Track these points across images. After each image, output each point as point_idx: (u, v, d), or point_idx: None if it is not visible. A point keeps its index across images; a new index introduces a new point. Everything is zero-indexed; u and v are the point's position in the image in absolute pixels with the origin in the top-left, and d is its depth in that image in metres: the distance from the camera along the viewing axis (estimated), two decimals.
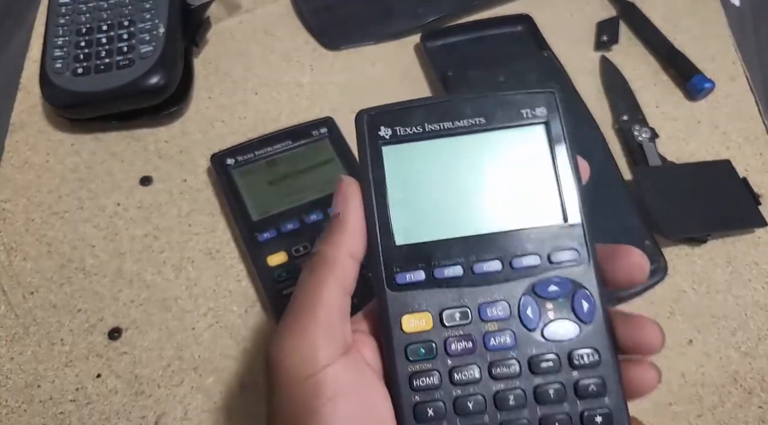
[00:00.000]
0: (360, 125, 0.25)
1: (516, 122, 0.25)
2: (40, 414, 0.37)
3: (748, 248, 0.43)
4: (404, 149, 0.25)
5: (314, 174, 0.43)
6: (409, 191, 0.25)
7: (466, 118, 0.25)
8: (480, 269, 0.24)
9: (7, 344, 0.39)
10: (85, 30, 0.46)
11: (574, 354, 0.24)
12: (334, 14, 0.53)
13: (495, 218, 0.25)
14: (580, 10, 0.54)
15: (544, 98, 0.25)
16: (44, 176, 0.45)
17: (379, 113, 0.25)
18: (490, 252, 0.24)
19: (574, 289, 0.24)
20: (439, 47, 0.50)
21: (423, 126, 0.25)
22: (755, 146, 0.47)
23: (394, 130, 0.25)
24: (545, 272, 0.24)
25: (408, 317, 0.24)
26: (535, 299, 0.24)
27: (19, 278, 0.41)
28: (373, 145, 0.25)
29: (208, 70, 0.50)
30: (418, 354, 0.24)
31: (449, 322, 0.24)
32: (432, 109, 0.25)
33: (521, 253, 0.24)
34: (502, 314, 0.24)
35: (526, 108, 0.25)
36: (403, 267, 0.24)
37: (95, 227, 0.43)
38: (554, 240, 0.24)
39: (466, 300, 0.24)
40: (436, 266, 0.24)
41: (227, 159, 0.43)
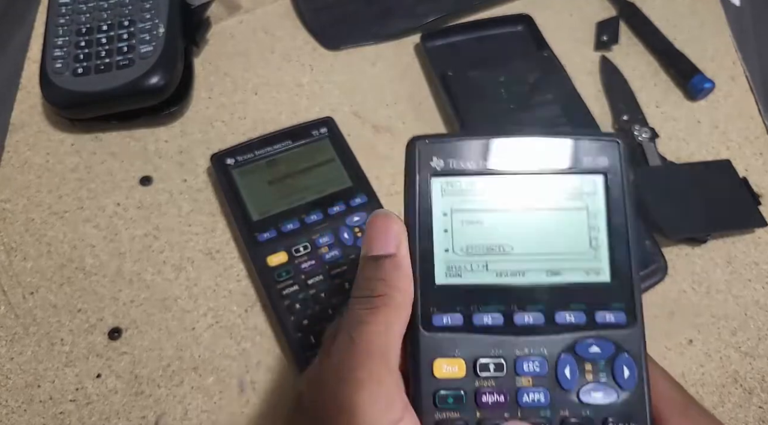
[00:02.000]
0: (411, 152, 0.24)
1: (575, 169, 0.24)
2: (40, 414, 0.37)
3: (748, 248, 0.43)
4: (455, 184, 0.24)
5: (314, 174, 0.43)
6: (455, 228, 0.24)
7: (525, 158, 0.24)
8: (521, 320, 0.23)
9: (7, 344, 0.39)
10: (85, 30, 0.46)
11: (609, 422, 0.22)
12: (334, 14, 0.53)
13: (542, 268, 0.24)
14: (580, 9, 0.54)
15: (607, 147, 0.24)
16: (44, 176, 0.45)
17: (433, 142, 0.24)
18: (533, 304, 0.23)
19: (616, 353, 0.23)
20: (439, 47, 0.50)
21: (477, 161, 0.24)
22: (755, 145, 0.47)
23: (446, 162, 0.24)
24: (588, 331, 0.23)
25: (440, 362, 0.23)
26: (575, 359, 0.23)
27: (19, 278, 0.41)
28: (423, 175, 0.24)
29: (208, 70, 0.50)
30: (447, 402, 0.22)
31: (483, 372, 0.23)
32: (489, 144, 0.24)
33: (565, 308, 0.23)
34: (539, 370, 0.23)
35: (587, 155, 0.24)
36: (440, 308, 0.23)
37: (95, 227, 0.43)
38: (601, 299, 0.23)
39: (502, 351, 0.23)
40: (476, 311, 0.23)
41: (227, 159, 0.43)
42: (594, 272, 0.24)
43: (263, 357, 0.38)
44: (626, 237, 0.24)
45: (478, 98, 0.47)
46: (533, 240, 0.24)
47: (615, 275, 0.23)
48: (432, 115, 0.49)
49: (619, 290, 0.23)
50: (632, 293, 0.23)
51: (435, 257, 0.23)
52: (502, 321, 0.23)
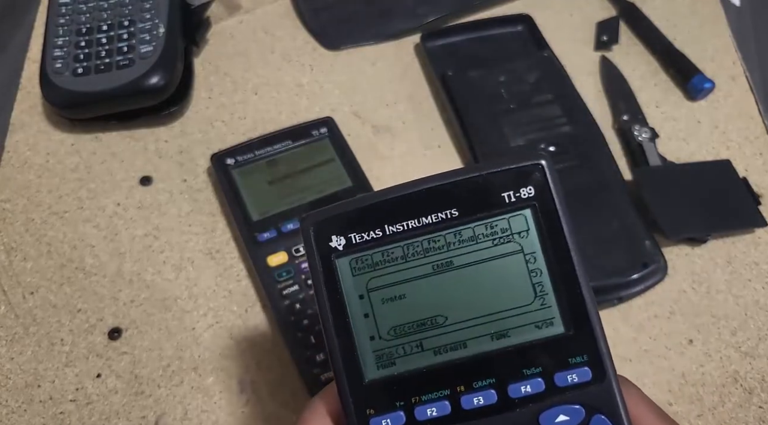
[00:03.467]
0: (306, 236, 0.21)
1: (497, 209, 0.20)
2: (40, 414, 0.37)
3: (749, 248, 0.43)
4: (364, 259, 0.21)
5: (314, 174, 0.43)
6: (376, 309, 0.20)
7: (435, 211, 0.20)
8: (469, 403, 0.20)
9: (7, 344, 0.39)
10: (85, 30, 0.46)
11: None
12: (334, 14, 0.53)
13: (484, 333, 0.20)
14: (580, 9, 0.54)
15: (528, 174, 0.20)
16: (44, 176, 0.45)
17: (328, 219, 0.21)
18: (481, 379, 0.20)
19: (588, 416, 0.19)
20: (439, 47, 0.50)
21: (382, 228, 0.20)
22: (755, 145, 0.47)
23: (348, 238, 0.20)
24: (550, 397, 0.19)
25: None
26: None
27: (19, 278, 0.41)
28: (324, 259, 0.20)
29: (208, 70, 0.50)
30: None
31: None
32: (390, 205, 0.20)
33: (518, 378, 0.20)
34: None
35: (507, 189, 0.20)
36: (377, 410, 0.20)
37: (95, 227, 0.43)
38: (558, 356, 0.20)
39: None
40: (418, 403, 0.20)
41: (227, 159, 0.43)
42: (546, 325, 0.20)
43: (263, 357, 0.38)
44: (574, 274, 0.20)
45: (478, 98, 0.47)
46: (469, 303, 0.20)
47: (570, 323, 0.20)
48: (432, 115, 0.49)
49: (579, 341, 0.20)
50: (595, 341, 0.20)
51: (359, 349, 0.20)
52: (450, 408, 0.20)
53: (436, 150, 0.47)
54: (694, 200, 0.43)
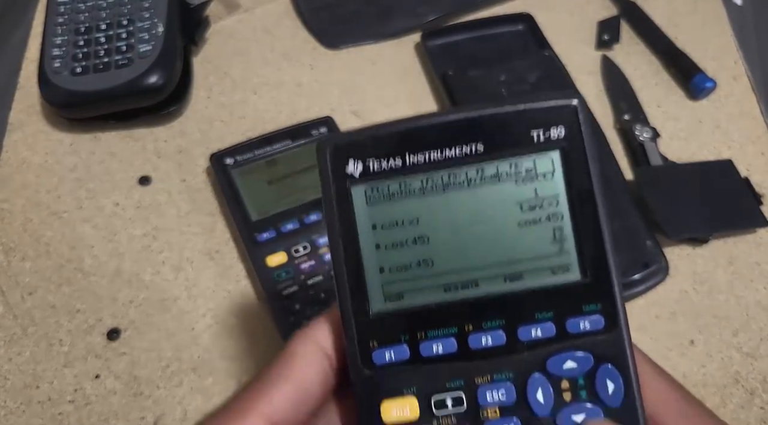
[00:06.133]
0: (322, 160, 0.20)
1: (524, 148, 0.19)
2: (39, 415, 0.36)
3: (750, 248, 0.43)
4: (381, 188, 0.20)
5: (314, 174, 0.42)
6: (387, 243, 0.20)
7: (459, 144, 0.19)
8: (477, 342, 0.19)
9: (6, 345, 0.39)
10: (83, 29, 0.46)
11: None
12: (334, 13, 0.53)
13: (498, 274, 0.20)
14: (581, 9, 0.54)
15: (561, 113, 0.19)
16: (43, 176, 0.45)
17: (347, 143, 0.19)
18: (491, 319, 0.19)
19: (596, 365, 0.19)
20: (440, 46, 0.50)
21: (403, 157, 0.19)
22: (757, 145, 0.47)
23: (366, 165, 0.19)
24: (560, 342, 0.19)
25: (389, 404, 0.19)
26: (548, 379, 0.19)
27: (18, 279, 0.41)
28: (339, 185, 0.19)
29: (207, 69, 0.50)
30: None
31: (440, 410, 0.19)
32: (413, 133, 0.19)
33: (529, 321, 0.19)
34: (505, 398, 0.19)
35: (537, 128, 0.19)
36: (381, 341, 0.19)
37: (94, 227, 0.43)
38: (573, 301, 0.19)
39: (460, 382, 0.19)
40: (423, 338, 0.19)
41: (226, 159, 0.43)
42: (562, 271, 0.19)
43: (262, 358, 0.38)
44: (597, 223, 0.19)
45: (479, 97, 0.46)
46: (484, 243, 0.20)
47: (587, 270, 0.19)
48: None
49: (594, 289, 0.19)
50: (610, 291, 0.19)
51: (367, 280, 0.19)
52: (456, 346, 0.19)
53: None
54: (696, 200, 0.43)
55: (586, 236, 0.19)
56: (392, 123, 0.20)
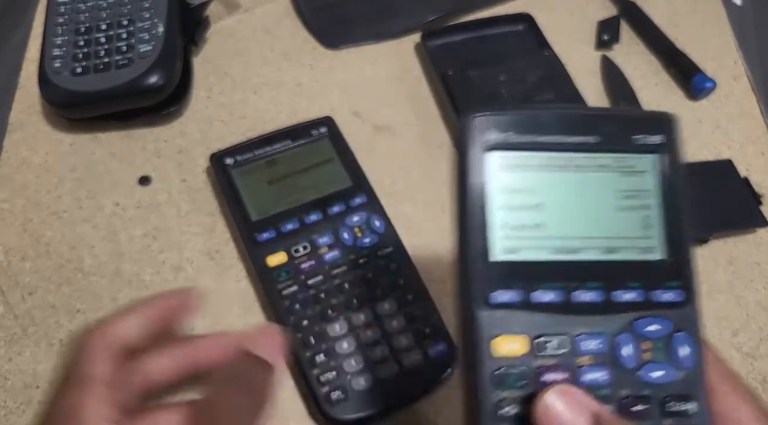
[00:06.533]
0: (467, 126, 0.23)
1: (631, 146, 0.24)
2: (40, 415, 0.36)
3: (750, 248, 0.43)
4: (510, 159, 0.23)
5: (314, 174, 0.43)
6: (509, 205, 0.23)
7: (580, 134, 0.24)
8: (579, 297, 0.23)
9: (6, 344, 0.39)
10: (84, 29, 0.46)
11: (669, 399, 0.22)
12: (334, 13, 0.53)
13: (597, 246, 0.23)
14: (581, 9, 0.54)
15: (663, 125, 0.24)
16: (43, 176, 0.45)
17: (489, 116, 0.23)
18: (591, 281, 0.23)
19: (674, 331, 0.23)
20: (440, 46, 0.50)
21: (534, 135, 0.23)
22: (757, 145, 0.47)
23: (501, 136, 0.23)
24: (646, 309, 0.23)
25: (501, 340, 0.22)
26: (633, 337, 0.22)
27: (18, 279, 0.41)
28: (476, 149, 0.23)
29: (207, 69, 0.50)
30: (507, 380, 0.22)
31: (543, 350, 0.22)
32: (543, 118, 0.24)
33: (622, 287, 0.23)
34: (598, 348, 0.22)
35: (642, 132, 0.24)
36: (498, 285, 0.22)
37: (94, 227, 0.43)
38: (658, 277, 0.23)
39: (562, 329, 0.22)
40: (534, 288, 0.23)
41: (226, 159, 0.43)
42: (648, 251, 0.23)
43: None
44: (680, 217, 0.24)
45: (479, 98, 0.46)
46: (589, 218, 0.24)
47: (669, 253, 0.23)
48: (432, 114, 0.48)
49: (675, 269, 0.23)
50: (689, 272, 0.23)
51: (489, 234, 0.23)
52: (562, 297, 0.23)
53: (436, 150, 0.47)
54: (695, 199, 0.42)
55: (671, 226, 0.23)
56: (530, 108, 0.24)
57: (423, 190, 0.45)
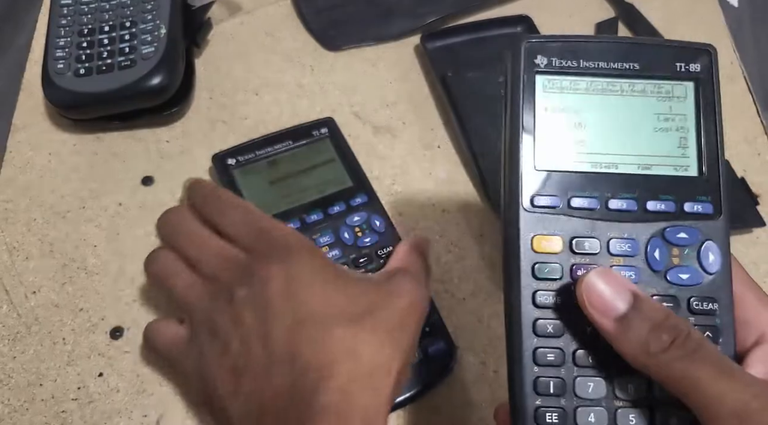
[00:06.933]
0: (518, 50, 0.26)
1: (670, 74, 0.26)
2: (42, 412, 0.37)
3: (747, 248, 0.43)
4: (556, 81, 0.26)
5: (315, 174, 0.43)
6: (555, 120, 0.26)
7: (622, 61, 0.26)
8: (614, 205, 0.25)
9: (9, 343, 0.39)
10: (86, 31, 0.46)
11: (694, 300, 0.24)
12: (335, 15, 0.53)
13: (633, 162, 0.25)
14: (579, 11, 0.55)
15: (700, 55, 0.26)
16: (46, 176, 0.45)
17: (539, 43, 0.26)
18: (627, 192, 0.25)
19: (702, 239, 0.25)
20: (439, 48, 0.51)
21: (578, 62, 0.26)
22: (753, 146, 0.48)
23: (550, 60, 0.26)
24: (677, 219, 0.25)
25: (539, 238, 0.25)
26: (664, 243, 0.25)
27: (21, 278, 0.41)
28: (528, 71, 0.26)
29: (209, 70, 0.50)
30: (544, 273, 0.24)
31: (578, 249, 0.25)
32: (587, 46, 0.26)
33: (656, 197, 0.25)
34: (630, 251, 0.25)
35: (680, 61, 0.26)
36: (541, 191, 0.25)
37: (97, 227, 0.43)
38: (690, 191, 0.25)
39: (597, 232, 0.25)
40: (573, 195, 0.25)
41: (228, 159, 0.43)
42: (683, 169, 0.25)
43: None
44: (715, 139, 0.25)
45: (478, 99, 0.47)
46: (626, 137, 0.26)
47: (703, 171, 0.25)
48: (432, 115, 0.49)
49: (707, 185, 0.25)
50: (719, 189, 0.25)
51: (536, 144, 0.25)
52: (598, 205, 0.25)
53: (436, 150, 0.47)
54: None
55: (706, 147, 0.26)
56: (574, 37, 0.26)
57: (422, 190, 0.45)
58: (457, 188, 0.45)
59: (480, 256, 0.43)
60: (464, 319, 0.40)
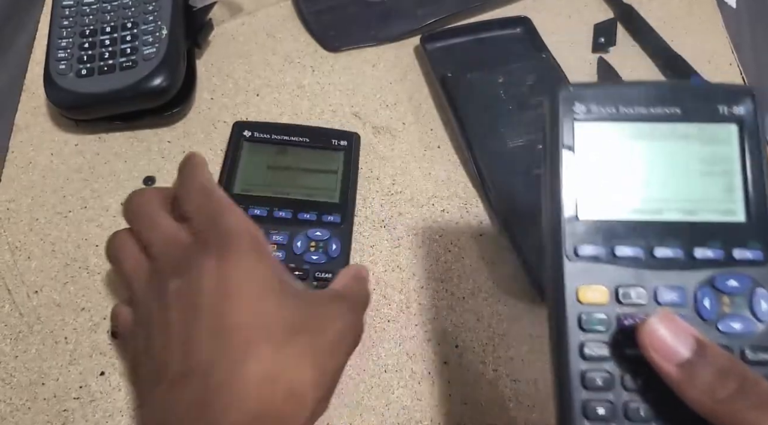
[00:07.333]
0: (555, 99, 0.26)
1: (712, 117, 0.25)
2: (44, 411, 0.37)
3: None
4: (596, 128, 0.25)
5: (312, 178, 0.43)
6: (597, 168, 0.25)
7: (662, 106, 0.25)
8: (661, 253, 0.24)
9: (12, 342, 0.39)
10: (88, 32, 0.46)
11: (748, 352, 0.23)
12: (335, 16, 0.53)
13: (680, 207, 0.25)
14: (578, 12, 0.55)
15: (741, 97, 0.25)
16: (48, 177, 0.45)
17: (576, 90, 0.26)
18: (673, 239, 0.24)
19: (753, 287, 0.24)
20: (439, 49, 0.51)
21: (617, 108, 0.25)
22: None
23: (588, 108, 0.25)
24: (725, 267, 0.24)
25: (585, 289, 0.24)
26: (713, 292, 0.24)
27: (24, 277, 0.41)
28: (566, 119, 0.25)
29: (211, 71, 0.51)
30: (591, 324, 0.24)
31: (625, 299, 0.24)
32: (628, 92, 0.26)
33: (703, 245, 0.24)
34: (678, 300, 0.24)
35: (723, 104, 0.25)
36: (585, 240, 0.25)
37: (99, 227, 0.43)
38: (737, 237, 0.24)
39: (643, 281, 0.24)
40: (618, 244, 0.25)
41: (246, 130, 0.44)
42: (729, 213, 0.25)
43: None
44: (761, 182, 0.25)
45: (477, 100, 0.47)
46: (670, 182, 0.25)
47: (750, 216, 0.25)
48: (431, 116, 0.49)
49: (755, 230, 0.25)
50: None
51: (578, 195, 0.25)
52: (643, 253, 0.24)
53: (436, 150, 0.47)
54: None
55: (752, 191, 0.25)
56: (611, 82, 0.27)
57: (422, 190, 0.45)
58: (456, 188, 0.46)
59: (479, 255, 0.43)
60: (464, 318, 0.40)
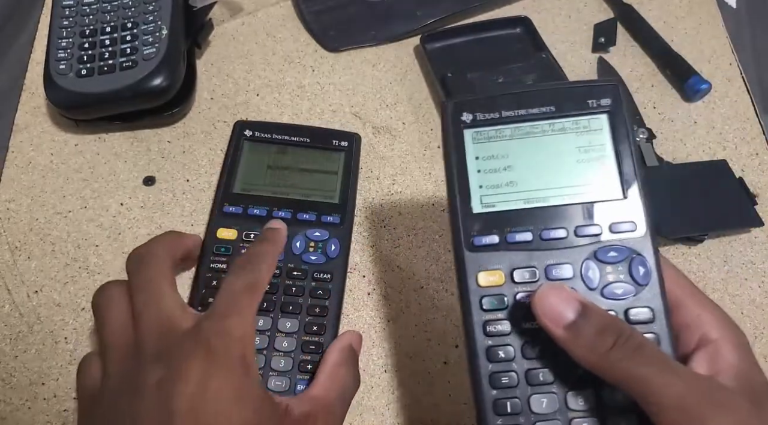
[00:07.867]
0: (445, 111, 0.28)
1: (583, 111, 0.28)
2: (44, 411, 0.37)
3: (745, 247, 0.43)
4: (483, 132, 0.29)
5: (311, 178, 0.43)
6: (485, 169, 0.28)
7: (538, 106, 0.28)
8: (548, 235, 0.27)
9: (12, 342, 0.39)
10: (88, 32, 0.46)
11: (631, 311, 0.26)
12: (335, 16, 0.53)
13: (562, 193, 0.28)
14: (578, 12, 0.55)
15: (608, 90, 0.28)
16: (48, 176, 0.45)
17: (462, 102, 0.29)
18: (558, 222, 0.27)
19: (631, 255, 0.27)
20: (439, 49, 0.51)
21: (500, 112, 0.28)
22: (751, 146, 0.48)
23: (474, 115, 0.28)
24: (606, 239, 0.27)
25: (483, 274, 0.27)
26: (597, 263, 0.27)
27: (24, 277, 0.41)
28: (456, 128, 0.28)
29: (211, 71, 0.51)
30: (491, 304, 0.27)
31: (519, 279, 0.27)
32: (507, 97, 0.29)
33: (585, 223, 0.27)
34: (567, 274, 0.27)
35: (592, 98, 0.28)
36: (479, 232, 0.27)
37: (99, 227, 0.43)
38: (615, 213, 0.27)
39: (534, 262, 0.27)
40: (509, 231, 0.27)
41: (247, 130, 0.44)
42: (608, 194, 0.28)
43: None
44: (632, 162, 0.28)
45: None
46: (552, 172, 0.28)
47: (625, 193, 0.27)
48: (431, 116, 0.49)
49: (631, 205, 0.27)
50: (642, 207, 0.27)
51: (471, 192, 0.28)
52: (532, 237, 0.27)
53: (436, 150, 0.47)
54: (691, 200, 0.43)
55: (625, 172, 0.28)
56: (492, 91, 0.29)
57: (422, 190, 0.45)
58: None
59: None
60: None
